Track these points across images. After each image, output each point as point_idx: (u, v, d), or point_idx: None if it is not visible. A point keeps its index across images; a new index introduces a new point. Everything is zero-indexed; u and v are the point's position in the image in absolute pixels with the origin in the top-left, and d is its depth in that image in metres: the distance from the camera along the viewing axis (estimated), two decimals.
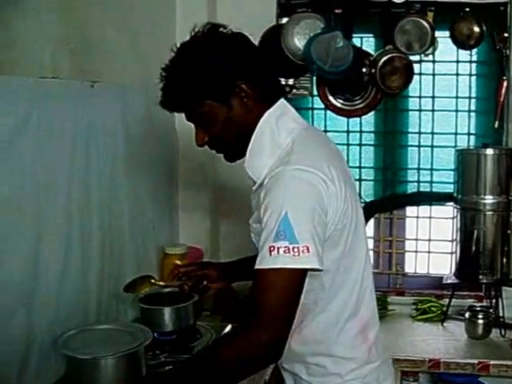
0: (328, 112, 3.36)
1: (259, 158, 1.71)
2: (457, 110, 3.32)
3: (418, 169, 3.38)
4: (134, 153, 2.73)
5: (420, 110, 3.36)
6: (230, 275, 2.23)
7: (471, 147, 3.25)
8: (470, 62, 3.29)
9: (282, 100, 1.76)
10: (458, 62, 3.29)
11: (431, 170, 3.37)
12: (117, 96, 2.58)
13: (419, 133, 3.36)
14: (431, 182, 3.38)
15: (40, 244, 2.07)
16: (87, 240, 2.35)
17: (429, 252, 3.46)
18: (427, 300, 3.29)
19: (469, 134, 3.32)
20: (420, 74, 3.29)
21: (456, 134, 3.32)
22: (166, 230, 3.14)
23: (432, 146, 3.35)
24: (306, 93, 3.36)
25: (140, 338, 2.03)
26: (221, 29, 1.74)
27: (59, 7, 2.17)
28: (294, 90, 3.31)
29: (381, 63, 3.15)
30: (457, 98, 3.31)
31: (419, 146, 3.37)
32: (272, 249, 1.52)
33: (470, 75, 3.30)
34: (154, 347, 2.23)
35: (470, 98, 3.31)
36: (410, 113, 3.38)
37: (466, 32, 3.17)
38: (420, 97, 3.34)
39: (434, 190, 3.38)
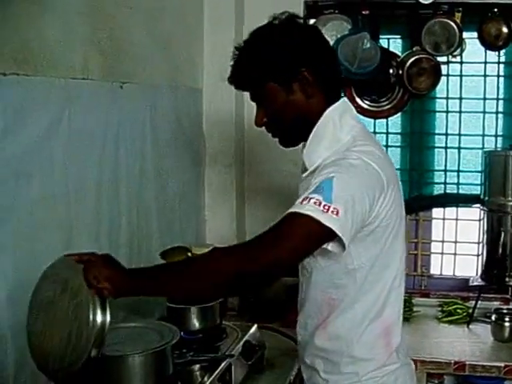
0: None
1: (317, 147, 1.78)
2: (484, 112, 3.31)
3: (445, 170, 3.37)
4: (162, 153, 2.76)
5: (447, 112, 3.35)
6: None
7: (498, 149, 3.24)
8: (498, 62, 3.28)
9: (345, 98, 1.85)
10: (485, 63, 3.28)
11: (458, 171, 3.36)
12: (146, 97, 2.61)
13: (446, 134, 3.35)
14: (458, 184, 3.37)
15: (70, 243, 2.10)
16: (115, 239, 2.39)
17: (455, 254, 3.45)
18: (453, 302, 3.27)
19: (496, 135, 3.31)
20: (447, 75, 3.28)
21: (483, 135, 3.31)
22: (193, 230, 3.16)
23: (459, 148, 3.34)
24: None
25: (167, 337, 2.05)
26: (297, 19, 1.82)
27: (89, 10, 2.20)
28: None
29: (408, 64, 3.15)
30: (484, 99, 3.30)
31: (446, 148, 3.36)
32: (305, 199, 1.57)
33: (498, 76, 3.29)
34: (181, 346, 2.24)
35: (497, 99, 3.29)
36: (437, 114, 3.37)
37: (493, 33, 3.16)
38: (447, 98, 3.33)
39: (460, 191, 3.37)
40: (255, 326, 2.62)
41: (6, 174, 1.80)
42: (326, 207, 1.53)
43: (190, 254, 2.49)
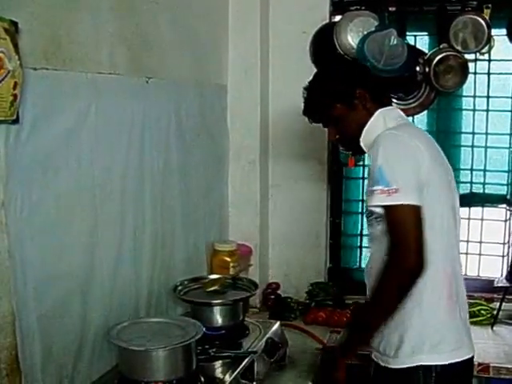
0: None
1: (371, 135, 2.15)
2: None
3: (472, 169, 3.32)
4: (187, 149, 2.76)
5: (474, 110, 3.30)
6: None
7: None
8: None
9: (395, 106, 2.36)
10: None
11: (484, 170, 3.31)
12: (171, 92, 2.62)
13: (473, 133, 3.30)
14: (484, 184, 3.32)
15: (95, 237, 2.12)
16: (140, 233, 2.39)
17: (480, 254, 3.40)
18: (477, 303, 3.23)
19: None
20: (475, 73, 3.23)
21: (511, 134, 3.26)
22: (216, 226, 3.16)
23: (486, 147, 3.29)
24: None
25: (191, 332, 2.05)
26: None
27: (117, 5, 2.21)
28: None
29: (435, 62, 3.11)
30: None
31: (473, 147, 3.31)
32: (369, 192, 2.03)
33: None
34: (203, 342, 2.25)
35: None
36: (464, 112, 3.33)
37: None
38: (474, 96, 3.28)
39: (486, 191, 3.32)
40: (278, 323, 2.63)
41: (35, 167, 1.82)
42: (388, 192, 1.96)
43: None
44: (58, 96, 1.89)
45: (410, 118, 3.32)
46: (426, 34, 3.33)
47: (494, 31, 3.09)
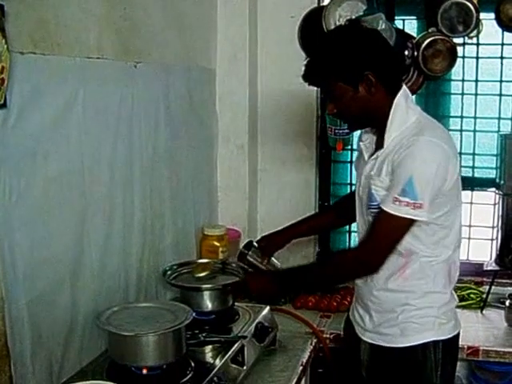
0: None
1: (388, 130, 2.11)
2: (501, 94, 3.25)
3: (460, 153, 3.30)
4: (175, 133, 2.75)
5: (463, 94, 3.30)
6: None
7: None
8: None
9: (404, 86, 2.18)
10: (502, 44, 3.22)
11: (473, 154, 3.32)
12: (159, 77, 2.60)
13: (461, 117, 3.30)
14: (473, 167, 3.33)
15: (84, 221, 2.11)
16: (129, 218, 2.39)
17: (469, 238, 3.41)
18: (466, 287, 3.24)
19: None
20: (463, 57, 3.23)
21: (499, 118, 3.26)
22: (205, 210, 3.16)
23: (474, 131, 3.30)
24: None
25: (181, 317, 2.05)
26: (359, 24, 2.25)
27: None
28: None
29: (423, 46, 3.10)
30: (501, 81, 3.24)
31: (461, 131, 3.31)
32: (395, 199, 1.99)
33: None
34: (193, 327, 2.25)
35: None
36: (453, 96, 3.33)
37: (511, 14, 3.10)
38: (463, 80, 3.28)
39: (475, 175, 3.33)
40: (267, 307, 2.63)
41: (23, 153, 1.80)
42: (414, 205, 1.98)
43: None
44: (45, 81, 1.87)
45: None
46: (414, 17, 3.33)
47: (482, 15, 3.07)
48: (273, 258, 2.65)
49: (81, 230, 2.09)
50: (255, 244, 2.63)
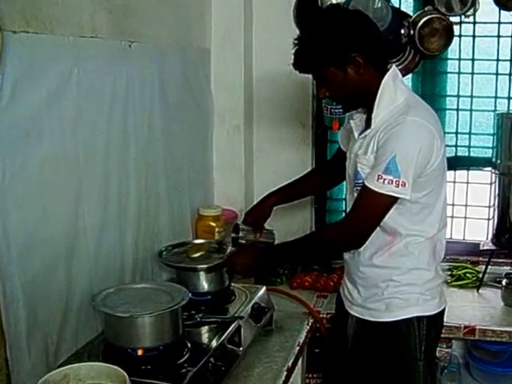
0: None
1: (377, 109, 2.13)
2: (497, 73, 3.23)
3: (456, 133, 3.31)
4: (171, 113, 2.73)
5: (459, 73, 3.28)
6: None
7: (511, 111, 3.18)
8: None
9: (394, 65, 2.21)
10: (499, 23, 3.18)
11: (470, 134, 3.31)
12: (154, 57, 2.58)
13: (458, 96, 3.29)
14: (469, 147, 3.32)
15: (79, 202, 2.10)
16: (124, 199, 2.38)
17: (465, 218, 3.42)
18: (463, 266, 3.25)
19: (509, 97, 3.23)
20: (460, 35, 3.21)
21: (496, 97, 3.25)
22: (201, 191, 3.15)
23: (471, 110, 3.28)
24: None
25: (177, 298, 2.05)
26: (342, 7, 2.40)
27: None
28: None
29: (420, 24, 3.08)
30: (497, 60, 3.22)
31: (458, 110, 3.30)
32: (380, 177, 2.02)
33: None
34: (190, 307, 2.25)
35: (511, 60, 3.20)
36: (449, 75, 3.31)
37: None
38: (459, 59, 3.26)
39: (471, 154, 3.32)
40: (264, 288, 2.63)
41: (17, 133, 1.78)
42: (397, 183, 2.01)
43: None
44: (38, 60, 1.85)
45: None
46: None
47: None
48: (266, 227, 2.64)
49: (76, 211, 2.08)
50: (242, 225, 2.60)
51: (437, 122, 2.15)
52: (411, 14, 3.20)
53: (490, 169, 3.16)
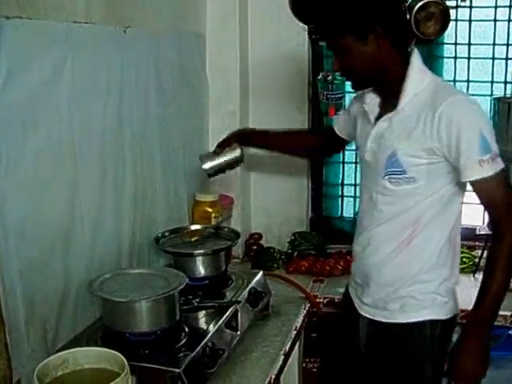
0: None
1: (405, 90, 2.06)
2: (494, 58, 3.23)
3: None
4: (166, 100, 2.73)
5: (455, 58, 3.27)
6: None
7: (508, 95, 3.18)
8: (510, 6, 3.16)
9: (416, 48, 2.14)
10: (496, 7, 3.18)
11: None
12: (149, 42, 2.56)
13: (454, 81, 3.28)
14: None
15: (76, 189, 2.10)
16: (120, 186, 2.38)
17: (462, 203, 3.40)
18: None
19: (505, 82, 3.23)
20: (456, 20, 3.19)
21: (492, 82, 3.24)
22: (197, 177, 3.14)
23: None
24: None
25: (174, 283, 2.06)
26: None
27: None
28: None
29: (416, 9, 3.06)
30: (494, 44, 3.21)
31: None
32: (482, 161, 1.94)
33: (509, 21, 3.17)
34: (187, 292, 2.26)
35: (507, 44, 3.19)
36: (445, 60, 3.30)
37: None
38: (456, 44, 3.25)
39: None
40: (261, 272, 2.64)
41: (13, 121, 1.78)
42: (496, 156, 1.97)
43: None
44: (33, 46, 1.83)
45: None
46: None
47: None
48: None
49: (72, 198, 2.08)
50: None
51: None
52: None
53: None
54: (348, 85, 3.25)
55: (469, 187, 2.13)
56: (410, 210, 2.10)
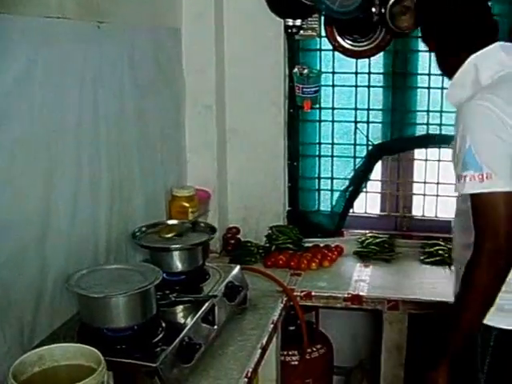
0: (336, 53, 3.31)
1: (460, 90, 2.02)
2: None
3: (428, 111, 3.33)
4: (142, 94, 2.72)
5: (430, 51, 3.29)
6: None
7: None
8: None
9: (496, 44, 2.03)
10: None
11: (441, 112, 3.31)
12: (124, 37, 2.56)
13: (429, 74, 3.29)
14: (441, 125, 3.33)
15: (51, 184, 2.09)
16: (97, 181, 2.37)
17: (437, 195, 3.45)
18: (435, 243, 3.29)
19: None
20: None
21: None
22: (174, 171, 3.14)
23: (442, 88, 3.28)
24: (313, 34, 3.29)
25: (150, 278, 2.06)
26: None
27: None
28: (302, 31, 3.25)
29: (391, 3, 3.08)
30: None
31: (429, 88, 3.31)
32: (460, 178, 1.86)
33: None
34: (164, 287, 2.26)
35: None
36: (420, 54, 3.30)
37: None
38: None
39: (443, 132, 3.33)
40: (238, 267, 2.65)
41: None
42: (480, 177, 1.80)
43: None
44: (5, 42, 1.82)
45: (367, 61, 3.32)
46: None
47: None
48: None
49: (47, 193, 2.07)
50: None
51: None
52: None
53: None
54: (323, 78, 3.31)
55: None
56: None
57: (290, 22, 3.17)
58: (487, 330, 1.98)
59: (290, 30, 3.20)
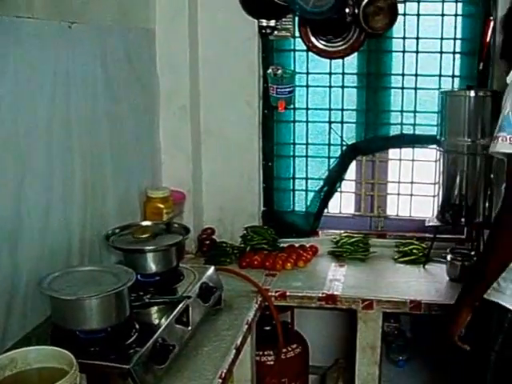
0: (310, 54, 3.32)
1: None
2: (441, 52, 3.26)
3: (402, 111, 3.34)
4: (115, 96, 2.71)
5: (404, 52, 3.30)
6: None
7: (455, 89, 3.23)
8: (456, 1, 3.21)
9: None
10: (443, 1, 3.21)
11: (414, 112, 3.34)
12: (96, 38, 2.54)
13: (403, 74, 3.31)
14: (414, 125, 3.34)
15: (22, 186, 2.07)
16: (69, 182, 2.36)
17: (411, 195, 3.46)
18: (409, 242, 3.31)
19: (453, 76, 3.27)
20: (404, 14, 3.23)
21: (440, 75, 3.28)
22: (149, 173, 3.13)
23: (416, 88, 3.31)
24: (287, 34, 3.31)
25: (124, 279, 2.04)
26: None
27: None
28: (276, 32, 3.26)
29: (364, 3, 3.09)
30: (441, 39, 3.25)
31: (402, 88, 3.33)
32: (494, 139, 1.98)
33: (456, 15, 3.22)
34: (138, 289, 2.25)
35: (455, 39, 3.23)
36: (394, 54, 3.32)
37: None
38: (404, 38, 3.28)
39: (417, 132, 3.35)
40: (212, 267, 2.64)
41: None
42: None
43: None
44: None
45: (341, 61, 3.33)
46: None
47: None
48: None
49: (19, 195, 2.05)
50: None
51: None
52: None
53: (434, 146, 3.21)
54: (297, 79, 3.32)
55: None
56: None
57: (264, 22, 3.18)
58: (503, 312, 2.06)
59: (264, 31, 3.21)
